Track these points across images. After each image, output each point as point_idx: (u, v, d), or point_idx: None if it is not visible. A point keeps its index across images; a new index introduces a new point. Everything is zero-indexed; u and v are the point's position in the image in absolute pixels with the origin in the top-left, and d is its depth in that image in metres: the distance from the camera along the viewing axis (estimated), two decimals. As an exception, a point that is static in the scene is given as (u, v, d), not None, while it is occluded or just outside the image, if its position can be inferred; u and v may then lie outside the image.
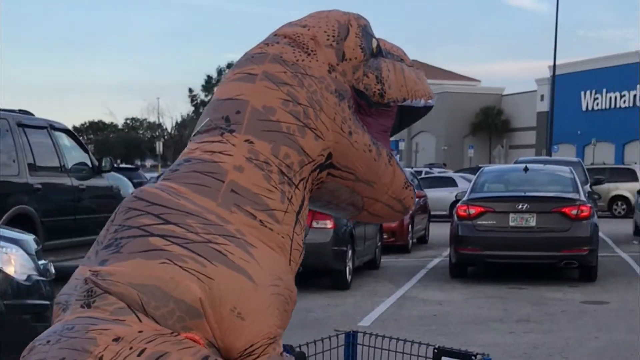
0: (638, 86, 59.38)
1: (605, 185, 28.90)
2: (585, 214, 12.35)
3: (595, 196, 17.46)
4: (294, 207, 2.36)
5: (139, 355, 1.93)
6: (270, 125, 2.37)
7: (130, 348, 1.94)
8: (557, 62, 48.21)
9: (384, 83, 2.59)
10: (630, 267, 14.55)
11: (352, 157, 2.51)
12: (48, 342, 2.00)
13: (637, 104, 58.65)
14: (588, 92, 66.63)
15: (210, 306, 2.07)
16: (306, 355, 2.74)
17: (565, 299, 11.00)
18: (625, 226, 23.53)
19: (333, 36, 2.52)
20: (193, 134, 2.49)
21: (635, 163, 42.25)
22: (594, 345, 8.15)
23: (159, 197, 2.22)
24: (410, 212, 2.85)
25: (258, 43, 2.56)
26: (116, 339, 1.95)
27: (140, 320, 2.04)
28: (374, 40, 2.64)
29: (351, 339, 3.07)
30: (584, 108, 66.87)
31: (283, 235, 2.30)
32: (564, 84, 63.06)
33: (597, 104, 66.14)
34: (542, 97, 69.36)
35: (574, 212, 12.31)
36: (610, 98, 65.16)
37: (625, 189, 29.91)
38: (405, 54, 2.82)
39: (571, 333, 8.72)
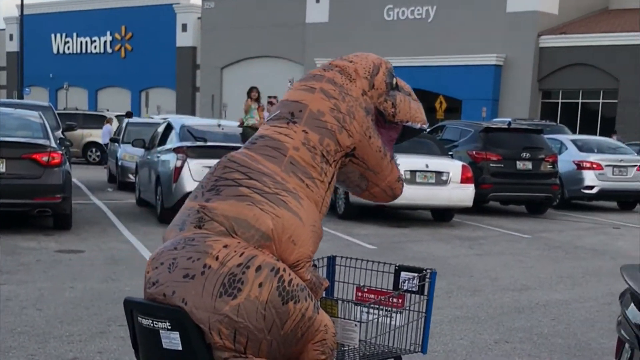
0: (108, 32, 63.24)
1: (79, 132, 29.09)
2: (56, 160, 11.83)
3: (68, 142, 17.50)
4: (327, 178, 3.73)
5: (240, 256, 3.30)
6: (320, 123, 3.74)
7: (235, 251, 3.32)
8: (27, 2, 47.64)
9: (396, 108, 3.96)
10: (105, 214, 14.82)
11: (367, 153, 3.88)
12: (175, 248, 3.38)
13: (109, 50, 62.18)
14: (59, 35, 69.96)
15: (276, 234, 3.44)
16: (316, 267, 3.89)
17: (40, 248, 10.83)
18: (100, 173, 24.30)
19: (368, 72, 3.92)
20: (267, 119, 3.88)
21: (108, 110, 41.85)
22: (69, 295, 8.03)
23: (245, 161, 3.61)
24: (397, 199, 4.20)
25: (318, 67, 4.02)
26: (225, 246, 3.33)
27: (234, 239, 3.39)
28: (394, 79, 4.00)
29: (331, 261, 4.35)
30: (55, 51, 70.59)
31: (319, 196, 3.69)
32: (34, 25, 63.75)
33: (69, 48, 69.69)
34: (11, 36, 72.21)
35: (45, 158, 11.75)
36: (82, 42, 68.57)
37: (98, 135, 29.57)
38: (412, 90, 4.18)
39: (46, 283, 8.55)
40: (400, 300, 3.94)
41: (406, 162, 14.81)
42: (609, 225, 16.40)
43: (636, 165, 18.90)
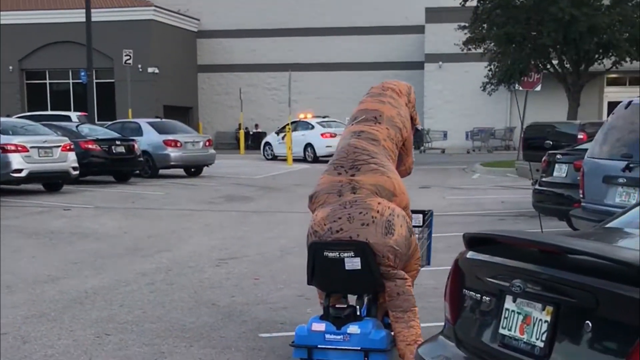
0: None
1: None
2: None
3: None
4: (395, 157, 6.05)
5: (388, 208, 5.52)
6: (394, 123, 6.06)
7: (385, 206, 5.53)
8: None
9: (416, 116, 6.53)
10: None
11: (409, 143, 6.32)
12: (344, 207, 5.53)
13: None
14: None
15: (396, 191, 5.72)
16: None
17: None
18: None
19: (406, 91, 6.41)
20: (353, 121, 6.20)
21: None
22: None
23: (363, 146, 5.83)
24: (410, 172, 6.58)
25: (378, 85, 6.48)
26: (379, 203, 5.54)
27: (380, 197, 5.61)
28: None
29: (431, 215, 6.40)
30: None
31: (392, 167, 5.89)
32: None
33: None
34: None
35: None
36: None
37: None
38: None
39: None
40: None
41: None
42: (57, 207, 16.36)
43: (60, 146, 19.14)
